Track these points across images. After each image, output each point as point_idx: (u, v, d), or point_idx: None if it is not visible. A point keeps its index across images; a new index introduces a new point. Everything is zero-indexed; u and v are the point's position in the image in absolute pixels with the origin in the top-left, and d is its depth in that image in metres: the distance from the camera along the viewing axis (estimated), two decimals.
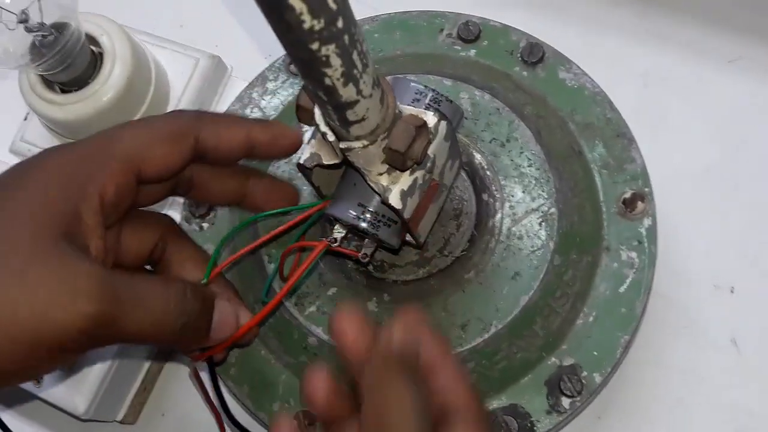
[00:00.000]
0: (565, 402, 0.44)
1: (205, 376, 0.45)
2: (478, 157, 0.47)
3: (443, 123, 0.37)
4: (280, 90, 0.53)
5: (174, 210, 0.56)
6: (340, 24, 0.27)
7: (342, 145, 0.34)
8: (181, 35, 0.58)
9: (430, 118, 0.36)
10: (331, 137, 0.34)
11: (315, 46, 0.27)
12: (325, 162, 0.37)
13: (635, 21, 0.58)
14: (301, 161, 0.38)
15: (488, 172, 0.47)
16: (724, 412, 0.49)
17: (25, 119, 0.56)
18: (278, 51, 0.46)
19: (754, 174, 0.53)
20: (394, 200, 0.37)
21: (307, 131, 0.39)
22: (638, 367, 0.51)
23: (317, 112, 0.34)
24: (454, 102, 0.41)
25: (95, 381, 0.49)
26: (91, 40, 0.51)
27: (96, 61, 0.51)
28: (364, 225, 0.39)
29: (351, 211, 0.39)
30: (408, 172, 0.36)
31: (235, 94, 0.55)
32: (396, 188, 0.36)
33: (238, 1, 0.63)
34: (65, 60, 0.48)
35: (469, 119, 0.48)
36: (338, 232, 0.41)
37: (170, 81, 0.55)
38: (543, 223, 0.46)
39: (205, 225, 0.51)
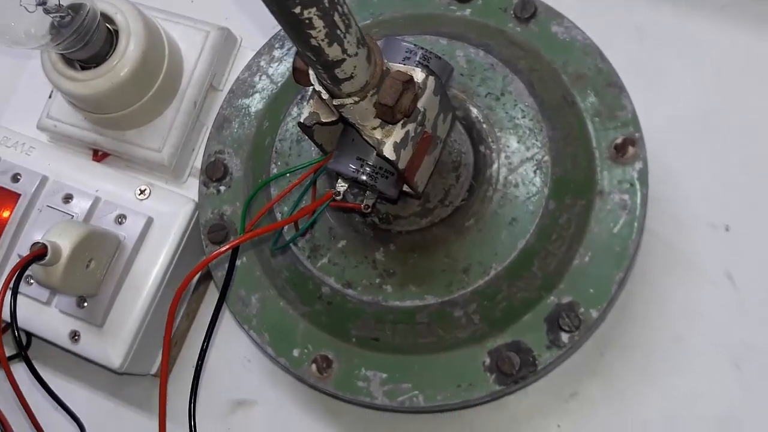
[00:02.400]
0: (564, 337, 0.46)
1: None
2: (474, 111, 0.50)
3: (431, 78, 0.40)
4: (286, 57, 0.56)
5: (193, 177, 0.60)
6: None
7: (335, 102, 0.37)
8: (191, 10, 0.61)
9: (418, 74, 0.39)
10: (325, 95, 0.37)
11: (297, 9, 0.29)
12: (324, 120, 0.40)
13: None
14: (302, 120, 0.41)
15: (484, 125, 0.49)
16: (721, 344, 0.51)
17: (50, 97, 0.60)
18: None
19: (747, 117, 0.55)
20: (388, 152, 0.39)
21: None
22: (638, 306, 0.53)
23: (312, 72, 0.37)
24: (443, 58, 0.43)
25: (128, 336, 0.53)
26: (106, 18, 0.54)
27: (112, 38, 0.54)
28: (363, 177, 0.42)
29: (351, 165, 0.42)
30: (400, 125, 0.39)
31: (245, 63, 0.57)
32: (389, 141, 0.39)
33: None
34: (83, 38, 0.52)
35: (464, 75, 0.50)
36: (341, 186, 0.44)
37: (183, 54, 0.58)
38: (537, 171, 0.48)
39: (222, 188, 0.54)
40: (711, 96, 0.56)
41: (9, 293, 0.48)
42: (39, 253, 0.47)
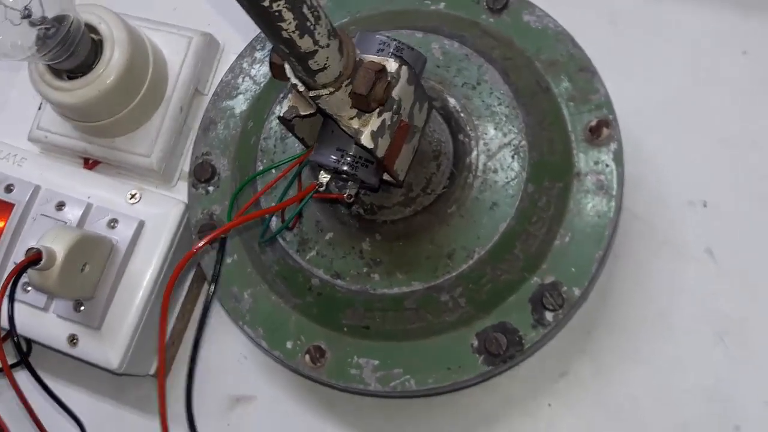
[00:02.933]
0: (549, 316, 0.48)
1: None
2: (451, 101, 0.51)
3: (405, 68, 0.41)
4: (267, 58, 0.57)
5: (183, 181, 0.61)
6: None
7: (311, 93, 0.38)
8: (174, 17, 0.62)
9: (391, 64, 0.40)
10: (301, 87, 0.38)
11: (266, 2, 0.31)
12: (302, 113, 0.41)
13: None
14: (281, 114, 0.42)
15: (462, 114, 0.51)
16: (704, 318, 0.52)
17: (40, 108, 0.61)
18: None
19: (718, 95, 0.56)
20: (366, 140, 0.41)
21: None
22: (623, 285, 0.54)
23: (287, 66, 0.39)
24: (416, 49, 0.45)
25: (126, 337, 0.54)
26: (91, 28, 0.56)
27: (97, 47, 0.56)
28: (344, 167, 0.43)
29: (332, 156, 0.43)
30: (376, 114, 0.40)
31: (228, 67, 0.59)
32: (367, 130, 0.40)
33: None
34: (68, 49, 0.53)
35: (441, 67, 0.52)
36: (324, 177, 0.45)
37: (167, 60, 0.59)
38: (515, 156, 0.49)
39: (210, 188, 0.56)
40: (684, 76, 0.57)
41: (6, 300, 0.50)
42: (34, 258, 0.48)
